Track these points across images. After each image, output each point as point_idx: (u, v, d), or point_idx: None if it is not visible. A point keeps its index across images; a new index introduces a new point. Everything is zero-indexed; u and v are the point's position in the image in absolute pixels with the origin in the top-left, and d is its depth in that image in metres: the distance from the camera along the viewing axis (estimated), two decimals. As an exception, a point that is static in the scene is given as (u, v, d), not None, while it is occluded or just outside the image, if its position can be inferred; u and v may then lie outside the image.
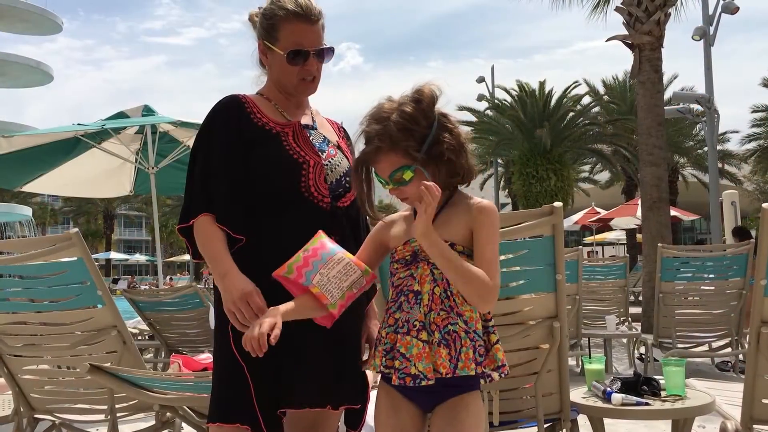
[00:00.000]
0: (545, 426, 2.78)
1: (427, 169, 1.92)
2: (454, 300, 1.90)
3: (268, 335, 1.78)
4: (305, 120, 2.26)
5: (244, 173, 2.09)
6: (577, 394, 3.04)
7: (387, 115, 1.91)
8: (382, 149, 1.91)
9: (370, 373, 2.27)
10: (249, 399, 2.00)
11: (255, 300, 1.94)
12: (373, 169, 1.98)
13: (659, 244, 6.59)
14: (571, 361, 6.75)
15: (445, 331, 1.88)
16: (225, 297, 1.97)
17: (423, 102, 1.93)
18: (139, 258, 59.65)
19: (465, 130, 2.00)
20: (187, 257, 53.10)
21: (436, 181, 1.90)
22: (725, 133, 32.68)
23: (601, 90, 30.25)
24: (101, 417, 3.24)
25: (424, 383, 1.86)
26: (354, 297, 1.94)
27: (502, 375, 1.95)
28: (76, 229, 3.14)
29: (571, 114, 23.47)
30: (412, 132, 1.90)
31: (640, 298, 11.27)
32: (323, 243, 1.95)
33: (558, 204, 2.63)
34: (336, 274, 1.90)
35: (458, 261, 1.87)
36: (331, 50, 2.21)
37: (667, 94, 16.75)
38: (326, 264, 1.91)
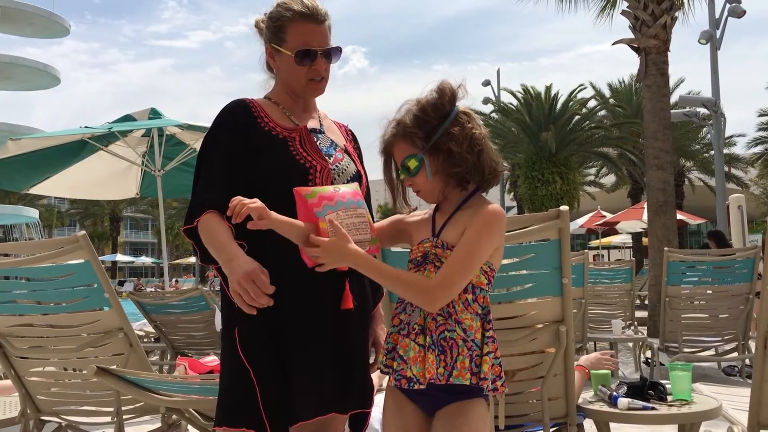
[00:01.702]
0: (551, 430, 2.77)
1: (432, 160, 1.93)
2: (454, 306, 1.89)
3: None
4: (313, 124, 2.26)
5: (250, 178, 2.09)
6: (583, 398, 3.03)
7: (409, 107, 1.98)
8: (396, 136, 1.98)
9: (375, 377, 2.28)
10: (255, 403, 1.99)
11: (260, 278, 1.87)
12: None
13: (665, 248, 6.58)
14: (577, 365, 6.73)
15: (440, 337, 1.87)
16: (231, 279, 1.91)
17: (440, 96, 1.95)
18: (145, 260, 59.71)
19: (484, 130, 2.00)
20: (192, 260, 53.13)
21: (438, 172, 1.92)
22: (732, 136, 32.63)
23: (607, 93, 30.24)
24: (107, 419, 3.24)
25: (416, 387, 1.88)
26: None
27: (482, 387, 1.89)
28: (83, 232, 3.14)
29: (577, 117, 23.47)
30: (420, 122, 1.94)
31: (646, 302, 11.22)
32: (356, 192, 2.01)
33: (564, 208, 2.62)
34: (350, 223, 1.90)
35: (383, 270, 1.90)
36: (338, 50, 2.22)
37: (674, 98, 16.73)
38: (348, 210, 1.93)
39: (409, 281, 1.90)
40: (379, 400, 2.26)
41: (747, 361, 6.16)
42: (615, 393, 2.93)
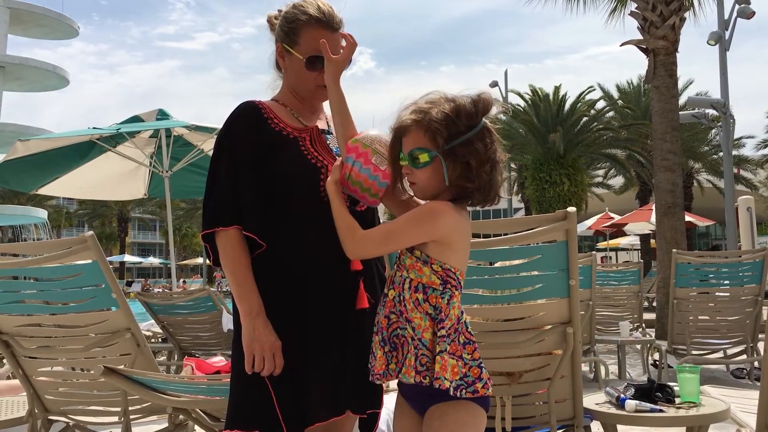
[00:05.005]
0: (558, 432, 2.77)
1: (447, 166, 1.90)
2: (405, 305, 1.91)
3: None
4: (320, 125, 2.26)
5: (267, 182, 2.09)
6: (591, 400, 3.03)
7: (440, 101, 1.93)
8: (418, 123, 1.91)
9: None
10: (271, 406, 1.99)
11: (280, 356, 1.99)
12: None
13: (674, 250, 6.55)
14: (584, 367, 6.72)
15: (393, 334, 1.93)
16: (253, 336, 1.98)
17: (476, 105, 1.93)
18: (153, 261, 59.85)
19: (504, 154, 1.99)
20: (200, 260, 53.29)
21: (449, 178, 1.91)
22: (740, 138, 32.51)
23: (615, 95, 30.15)
24: (115, 419, 3.25)
25: (377, 382, 1.98)
26: (359, 184, 1.99)
27: (436, 386, 1.84)
28: (91, 232, 3.15)
29: (585, 119, 23.40)
30: (449, 123, 1.90)
31: (654, 304, 11.19)
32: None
33: (572, 209, 2.62)
34: (380, 139, 2.00)
35: (338, 200, 1.99)
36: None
37: (682, 99, 16.68)
38: (381, 141, 2.02)
39: (340, 223, 1.98)
40: (386, 401, 2.27)
41: (756, 364, 6.13)
42: (623, 395, 2.92)
